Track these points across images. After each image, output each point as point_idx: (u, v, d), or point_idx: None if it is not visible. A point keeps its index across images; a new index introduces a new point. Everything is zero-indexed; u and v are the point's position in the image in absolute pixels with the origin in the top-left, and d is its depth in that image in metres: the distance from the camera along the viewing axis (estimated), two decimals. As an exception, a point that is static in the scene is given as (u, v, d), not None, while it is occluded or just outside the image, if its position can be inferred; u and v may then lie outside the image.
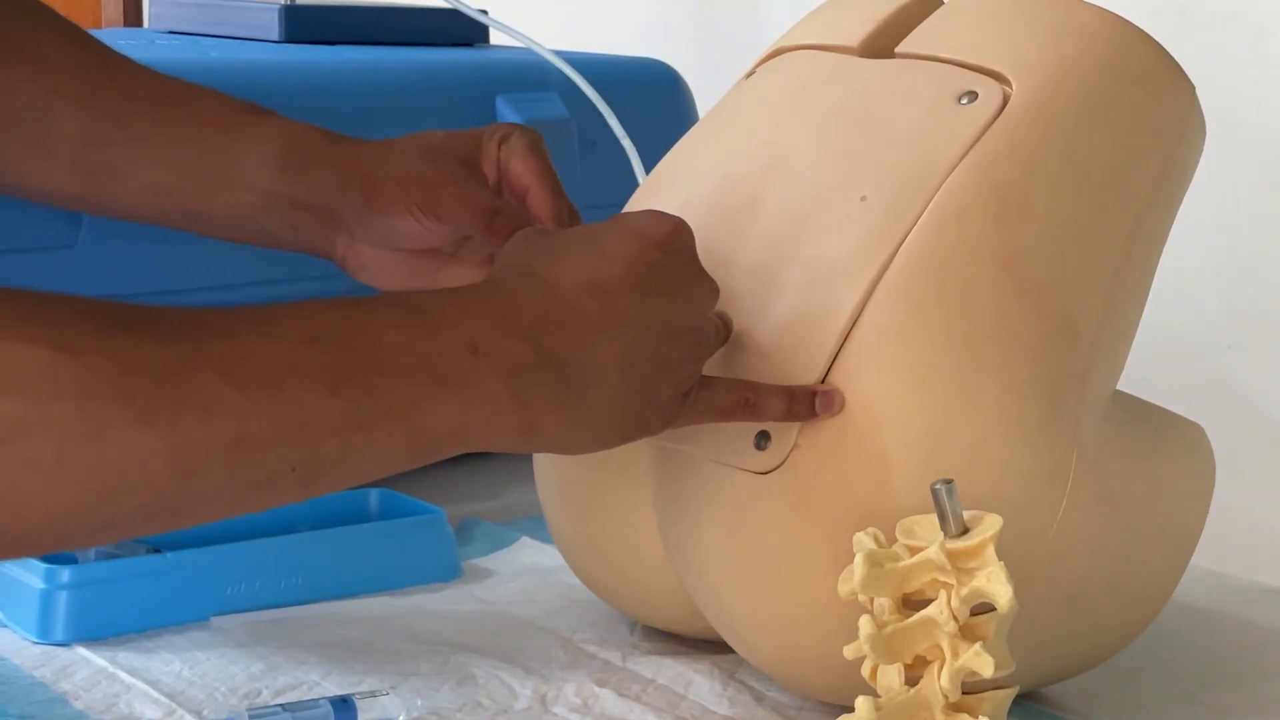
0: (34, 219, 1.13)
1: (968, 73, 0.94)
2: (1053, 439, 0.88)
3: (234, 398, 0.72)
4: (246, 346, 0.74)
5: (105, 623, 1.00)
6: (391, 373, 0.77)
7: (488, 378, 0.79)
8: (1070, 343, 0.90)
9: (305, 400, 0.74)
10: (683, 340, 0.85)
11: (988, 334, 0.88)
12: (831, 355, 0.88)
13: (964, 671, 0.81)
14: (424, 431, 0.78)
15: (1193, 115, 0.97)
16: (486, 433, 0.80)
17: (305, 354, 0.75)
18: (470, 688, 0.95)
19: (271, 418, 0.73)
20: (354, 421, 0.76)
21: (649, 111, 1.36)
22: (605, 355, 0.82)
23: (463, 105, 1.36)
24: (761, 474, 0.89)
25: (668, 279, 0.84)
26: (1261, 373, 1.42)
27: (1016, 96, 0.92)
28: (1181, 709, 0.97)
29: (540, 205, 0.96)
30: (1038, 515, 0.87)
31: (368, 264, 1.00)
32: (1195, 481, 0.97)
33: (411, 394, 0.77)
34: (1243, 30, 1.43)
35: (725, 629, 0.95)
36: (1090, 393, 0.90)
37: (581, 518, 1.00)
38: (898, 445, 0.87)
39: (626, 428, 0.84)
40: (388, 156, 0.98)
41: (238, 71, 1.29)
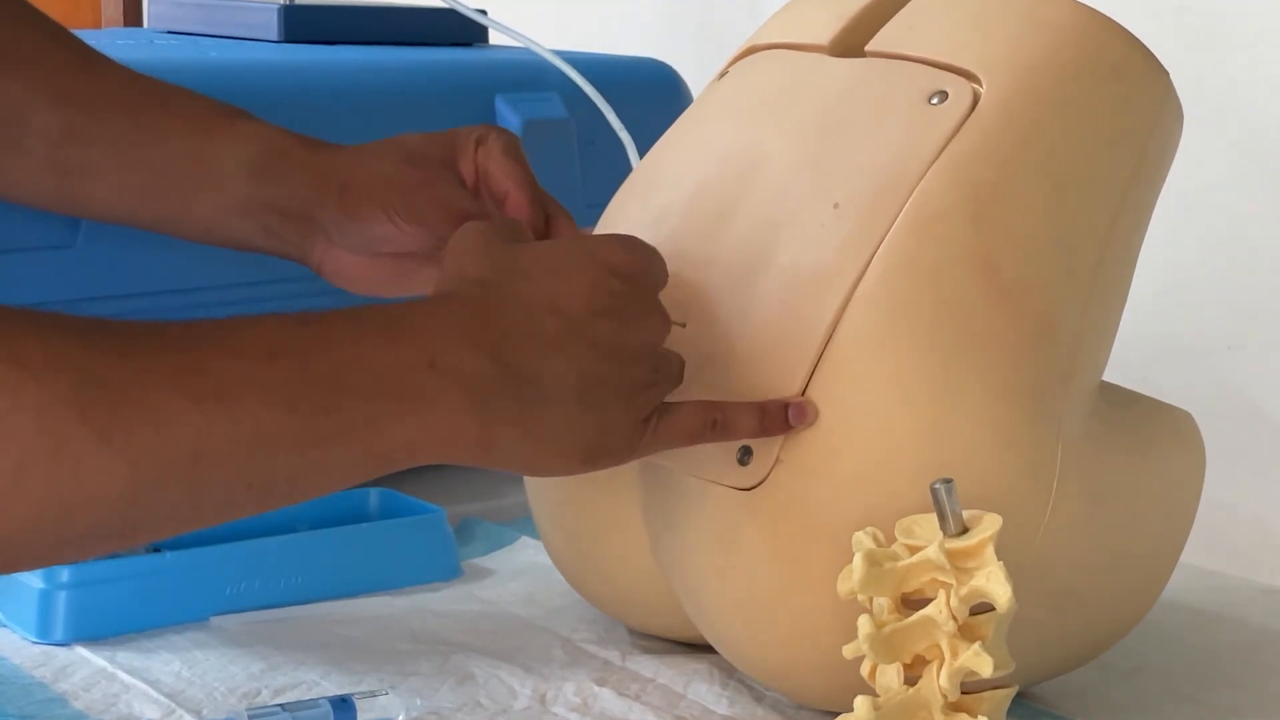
0: (33, 219, 1.13)
1: (938, 72, 0.93)
2: (1037, 441, 0.88)
3: (191, 413, 0.72)
4: (204, 361, 0.73)
5: (104, 622, 1.00)
6: (349, 388, 0.76)
7: (447, 392, 0.78)
8: (1052, 342, 0.89)
9: (262, 416, 0.74)
10: (639, 365, 0.84)
11: (968, 338, 0.88)
12: (811, 366, 0.87)
13: (963, 671, 0.81)
14: (381, 446, 0.78)
15: (1168, 103, 0.96)
16: (444, 447, 0.80)
17: (263, 369, 0.74)
18: (470, 687, 0.95)
19: (228, 433, 0.73)
20: (311, 437, 0.75)
21: (648, 111, 1.36)
22: (563, 372, 0.81)
23: (462, 105, 1.36)
24: (745, 490, 0.89)
25: (623, 304, 0.84)
26: (1261, 373, 1.42)
27: (987, 95, 0.91)
28: (1181, 709, 0.97)
29: (518, 210, 0.96)
30: (1025, 518, 0.87)
31: (344, 269, 0.99)
32: (1185, 472, 0.97)
33: (369, 410, 0.77)
34: (1242, 30, 1.43)
35: (716, 641, 0.95)
36: (1074, 391, 0.90)
37: (574, 532, 1.00)
38: (882, 456, 0.86)
39: (586, 451, 0.83)
40: (364, 161, 0.98)
41: (237, 71, 1.29)
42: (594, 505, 0.98)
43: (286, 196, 0.98)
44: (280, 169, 0.98)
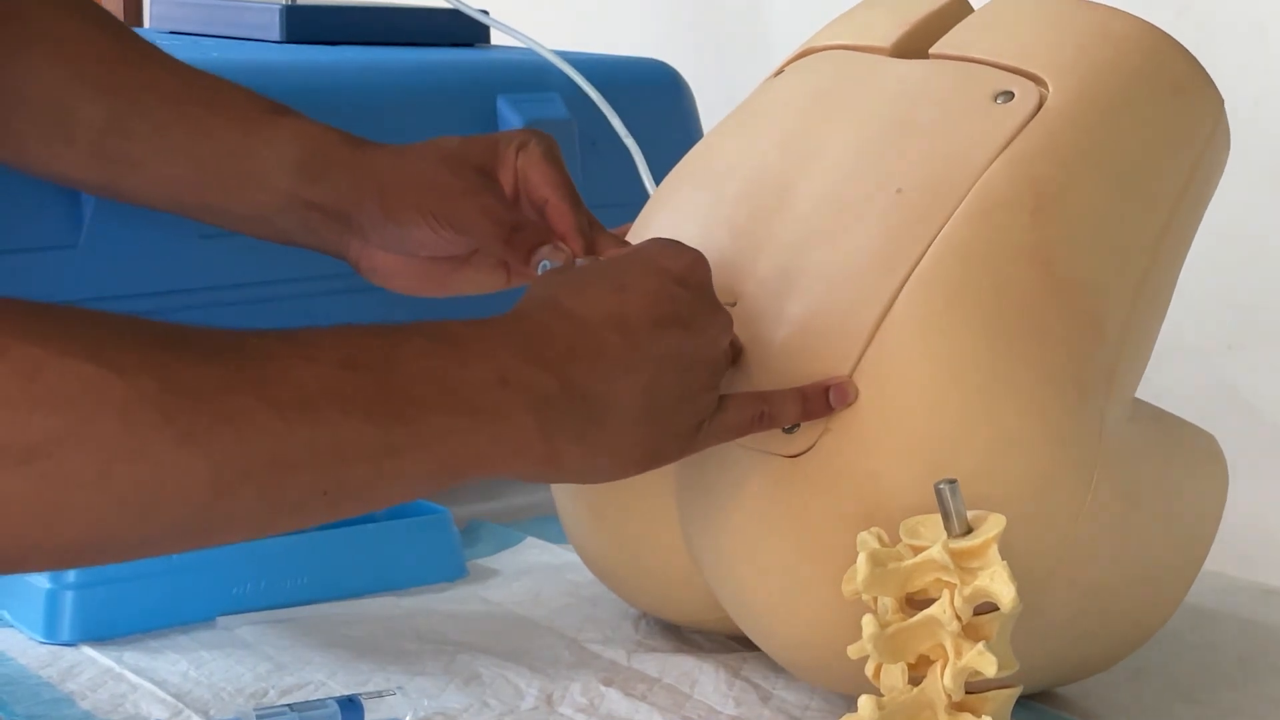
0: (34, 219, 1.13)
1: (1003, 73, 0.94)
2: (1080, 433, 0.89)
3: (271, 419, 0.73)
4: (284, 369, 0.74)
5: (112, 623, 1.00)
6: (423, 401, 0.78)
7: (516, 410, 0.80)
8: (1100, 340, 0.90)
9: (339, 424, 0.75)
10: (700, 371, 0.85)
11: (1020, 327, 0.89)
12: (864, 345, 0.88)
13: (967, 671, 0.81)
14: (452, 460, 0.79)
15: (1220, 126, 0.98)
16: (511, 463, 0.81)
17: (340, 378, 0.75)
18: (476, 687, 0.95)
19: (306, 441, 0.74)
20: (386, 447, 0.77)
21: (650, 112, 1.36)
22: (627, 388, 0.83)
23: (463, 106, 1.36)
24: (791, 457, 0.89)
25: (686, 312, 0.85)
26: (1261, 373, 1.43)
27: (1053, 97, 0.93)
28: (1181, 709, 0.97)
29: (560, 217, 0.96)
30: (1064, 506, 0.87)
31: (380, 267, 1.00)
32: (1209, 490, 0.98)
33: (442, 423, 0.78)
34: (1242, 29, 1.43)
35: (744, 615, 0.94)
36: (1116, 391, 0.91)
37: (599, 507, 1.00)
38: (928, 434, 0.87)
39: (643, 459, 0.85)
40: (404, 163, 0.98)
41: (238, 71, 1.28)
42: (624, 482, 0.98)
43: (327, 195, 0.99)
44: (322, 169, 0.99)
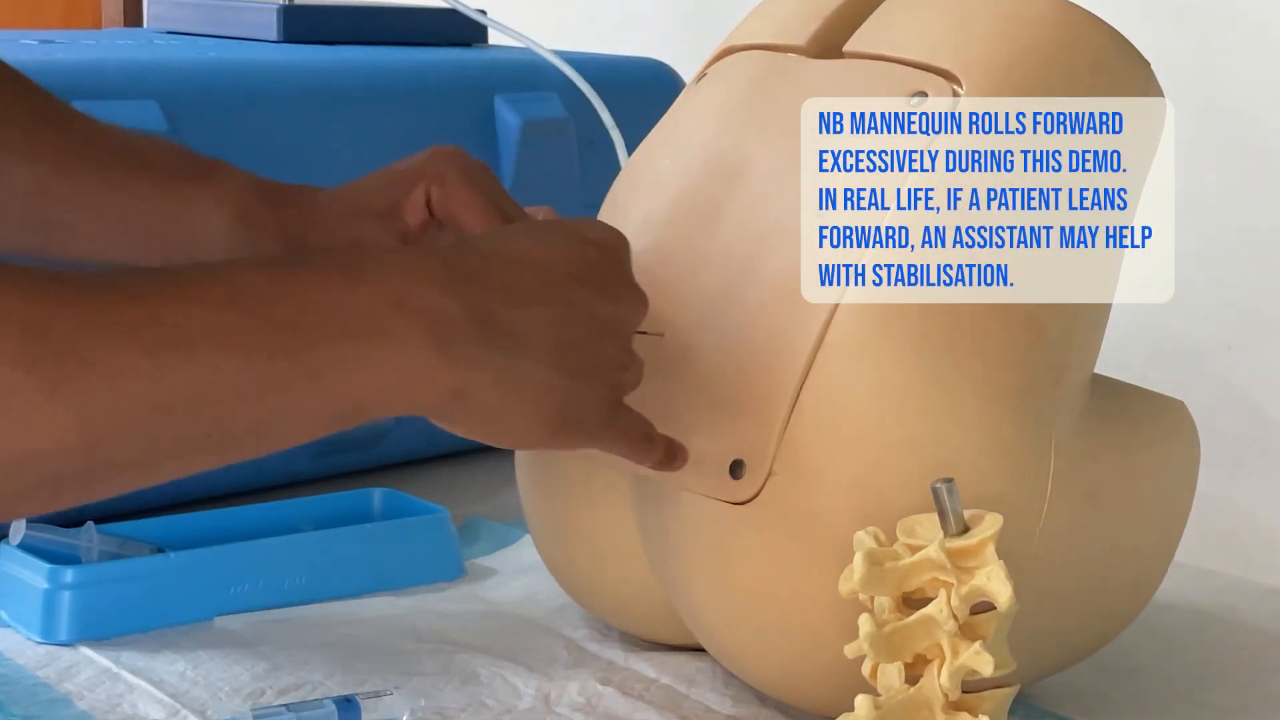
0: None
1: (916, 72, 0.92)
2: (1030, 443, 0.88)
3: (143, 362, 0.70)
4: (158, 310, 0.72)
5: (109, 623, 1.00)
6: (310, 331, 0.74)
7: (414, 333, 0.76)
8: (1042, 343, 0.89)
9: (218, 364, 0.72)
10: (611, 342, 0.83)
11: (956, 342, 0.87)
12: (802, 375, 0.87)
13: (964, 670, 0.81)
14: (344, 392, 0.76)
15: (1149, 93, 0.95)
16: (413, 394, 0.77)
17: (220, 316, 0.73)
18: (474, 687, 0.95)
19: (183, 383, 0.71)
20: (270, 383, 0.74)
21: (647, 111, 1.35)
22: (539, 328, 0.80)
23: (461, 105, 1.36)
24: (739, 504, 0.88)
25: (602, 276, 0.83)
26: (1261, 373, 1.43)
27: (967, 93, 0.90)
28: (1181, 709, 0.97)
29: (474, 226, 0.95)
30: (1020, 520, 0.86)
31: None
32: (1180, 462, 0.97)
33: (330, 352, 0.75)
34: (1242, 29, 1.43)
35: (716, 651, 0.95)
36: (1066, 390, 0.90)
37: (569, 545, 1.01)
38: (874, 462, 0.86)
39: (557, 418, 0.82)
40: (317, 217, 0.97)
41: (237, 71, 1.29)
42: (591, 520, 0.98)
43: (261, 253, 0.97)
44: (251, 232, 0.98)
